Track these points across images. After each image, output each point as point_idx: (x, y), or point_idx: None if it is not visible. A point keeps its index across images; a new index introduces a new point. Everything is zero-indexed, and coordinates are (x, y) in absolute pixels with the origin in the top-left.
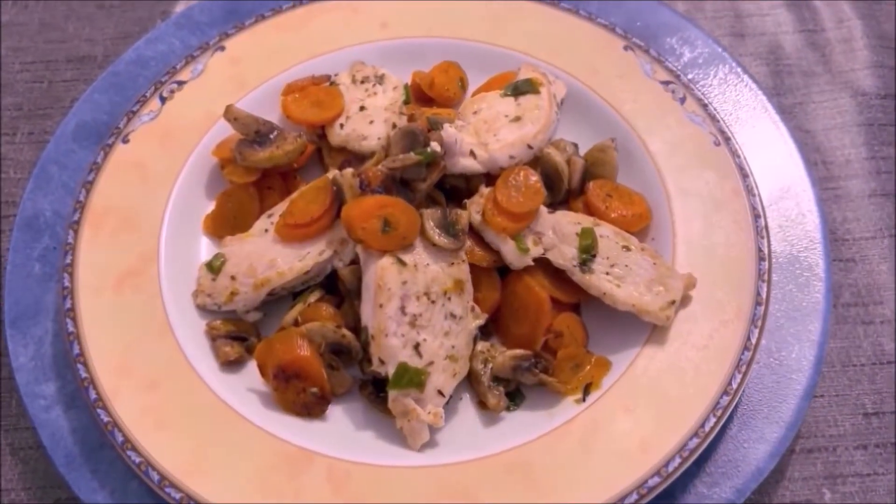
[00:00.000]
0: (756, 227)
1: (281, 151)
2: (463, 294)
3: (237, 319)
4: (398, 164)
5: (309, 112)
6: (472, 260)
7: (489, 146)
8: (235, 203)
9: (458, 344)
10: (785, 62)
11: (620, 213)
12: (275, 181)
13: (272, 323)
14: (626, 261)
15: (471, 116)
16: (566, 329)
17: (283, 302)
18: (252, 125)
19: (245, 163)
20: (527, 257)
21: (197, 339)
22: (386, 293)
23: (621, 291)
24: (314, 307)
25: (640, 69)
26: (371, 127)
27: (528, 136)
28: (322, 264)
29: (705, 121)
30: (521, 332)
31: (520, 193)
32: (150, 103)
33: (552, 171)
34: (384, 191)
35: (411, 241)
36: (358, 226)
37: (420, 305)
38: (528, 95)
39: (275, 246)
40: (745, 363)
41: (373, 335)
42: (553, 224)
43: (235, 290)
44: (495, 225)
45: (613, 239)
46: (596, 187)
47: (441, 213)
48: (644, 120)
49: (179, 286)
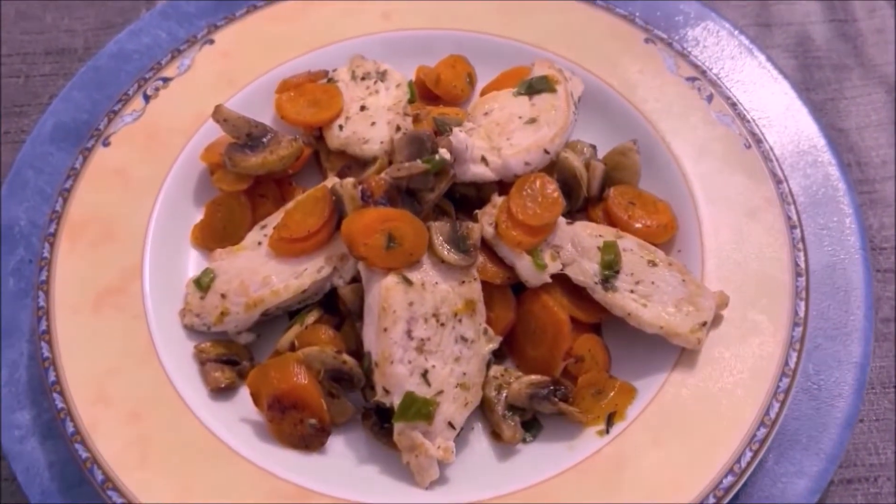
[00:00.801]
0: (792, 238)
1: (275, 156)
2: (475, 315)
3: (228, 341)
4: (404, 174)
5: (305, 112)
6: (485, 277)
7: (502, 151)
8: (225, 212)
9: (469, 370)
10: (814, 55)
11: (644, 223)
12: (268, 189)
13: (267, 344)
14: (653, 277)
15: (481, 118)
16: (587, 352)
17: (278, 322)
18: (243, 127)
19: (236, 169)
20: (544, 274)
21: (184, 364)
22: (391, 316)
23: (648, 312)
24: (312, 330)
25: (663, 64)
26: (373, 129)
27: (544, 140)
28: (320, 282)
29: (735, 121)
30: (537, 356)
31: (536, 204)
32: (133, 102)
33: (570, 176)
34: (388, 202)
35: (418, 257)
36: (360, 242)
37: (428, 329)
38: (543, 94)
39: (268, 261)
40: (783, 391)
41: (376, 362)
42: (572, 236)
43: (226, 310)
44: (509, 239)
45: (638, 253)
46: (617, 194)
47: (451, 226)
48: (668, 120)
49: (165, 304)
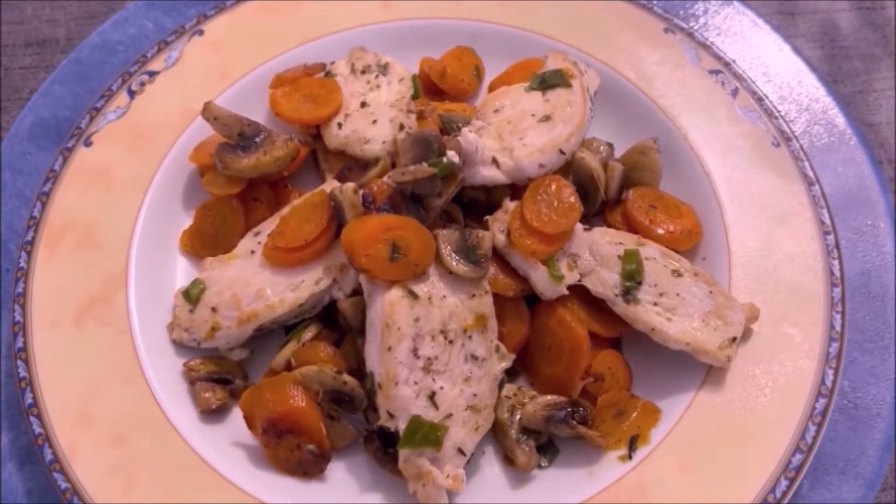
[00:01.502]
0: (825, 244)
1: (269, 158)
2: (486, 331)
3: (220, 358)
4: (408, 178)
5: (301, 109)
6: (496, 289)
7: (514, 152)
8: (216, 218)
9: (480, 391)
10: (841, 44)
11: (667, 229)
12: (262, 192)
13: (261, 360)
14: (678, 289)
15: (491, 115)
16: (607, 370)
17: (273, 336)
18: (234, 126)
19: (227, 171)
20: (561, 286)
21: (172, 382)
22: (395, 333)
23: (673, 326)
24: (310, 347)
25: (684, 56)
26: (374, 127)
27: (559, 140)
28: (319, 295)
29: (762, 117)
30: (554, 374)
31: (552, 209)
32: (117, 98)
33: (586, 178)
34: (391, 208)
35: (424, 269)
36: (361, 252)
37: (435, 346)
38: (557, 89)
39: (262, 272)
40: (819, 412)
41: (380, 384)
42: (590, 244)
43: (217, 325)
44: (523, 248)
45: (661, 262)
46: (637, 197)
47: (459, 234)
48: (690, 116)
49: (152, 318)
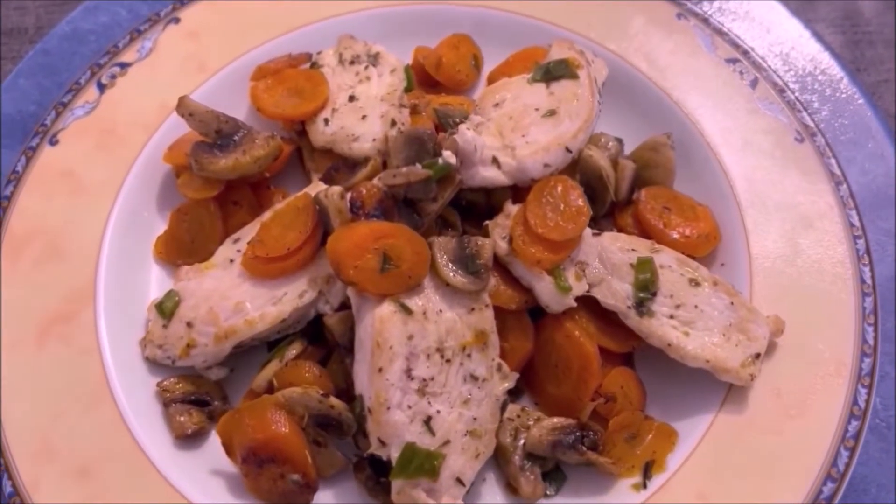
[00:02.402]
0: (855, 249)
1: (248, 157)
2: (486, 349)
3: (196, 377)
4: (400, 181)
5: (285, 103)
6: (498, 302)
7: (517, 151)
8: (193, 223)
9: (481, 414)
10: (864, 29)
11: (682, 233)
12: (243, 194)
13: (243, 378)
14: (696, 300)
15: (491, 110)
16: (619, 389)
17: (255, 352)
18: (211, 123)
19: (203, 172)
20: (568, 297)
21: (144, 405)
22: (386, 353)
23: (692, 342)
24: (294, 367)
25: (699, 43)
26: (363, 123)
27: (565, 136)
28: (303, 309)
29: (784, 110)
30: (561, 394)
31: (558, 214)
32: (86, 92)
33: (594, 177)
34: (382, 214)
35: (418, 281)
36: (348, 263)
37: (431, 366)
38: (562, 81)
39: (242, 283)
40: (852, 435)
41: (370, 408)
42: (600, 251)
43: (192, 342)
44: (527, 257)
45: (677, 270)
46: (649, 197)
47: (457, 242)
48: (706, 109)
49: (122, 334)
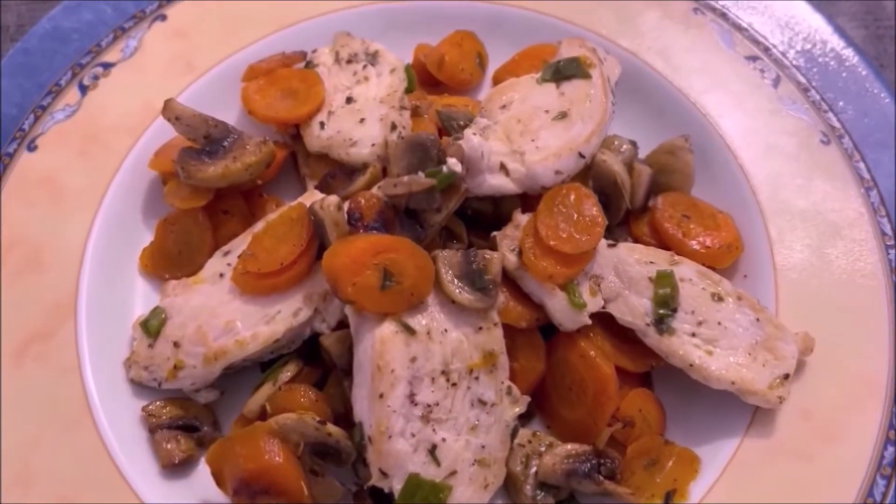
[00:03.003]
0: (888, 259)
1: (239, 164)
2: (495, 371)
3: (185, 400)
4: (402, 190)
5: (278, 106)
6: (507, 320)
7: (526, 157)
8: (180, 234)
9: (489, 442)
10: (886, 23)
11: (703, 243)
12: (234, 203)
13: (235, 402)
14: (719, 316)
15: (498, 112)
16: (638, 413)
17: (248, 373)
18: (200, 127)
19: (191, 180)
20: (582, 314)
21: (129, 431)
22: (388, 377)
23: (715, 362)
24: (288, 391)
25: (717, 40)
26: (362, 127)
27: (578, 141)
28: (297, 329)
29: (809, 110)
30: (575, 418)
31: (571, 224)
32: (66, 94)
33: (608, 183)
34: (382, 226)
35: (422, 298)
36: (346, 280)
37: (436, 391)
38: (574, 81)
39: (232, 300)
40: (889, 462)
41: (370, 437)
42: (615, 263)
43: (180, 363)
44: (538, 270)
45: (699, 284)
46: (667, 205)
47: (463, 255)
48: (725, 109)
49: (105, 353)
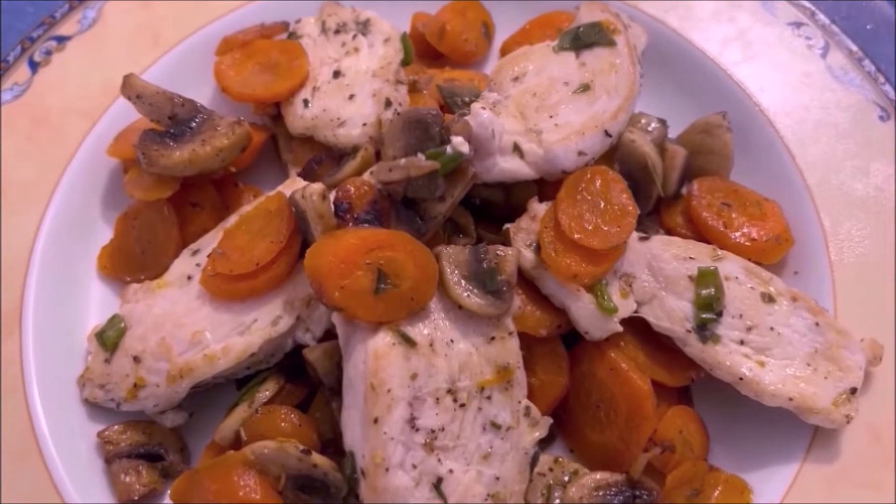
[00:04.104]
0: None
1: (209, 148)
2: (511, 388)
3: (148, 424)
4: (399, 176)
5: (255, 82)
6: (524, 328)
7: (543, 136)
8: (143, 230)
9: (505, 473)
10: None
11: (747, 235)
12: (203, 194)
13: (205, 424)
14: (771, 320)
15: (509, 85)
16: (678, 435)
17: (222, 391)
18: (164, 106)
19: (154, 168)
20: (612, 320)
21: (82, 460)
22: (384, 398)
23: (769, 374)
24: (267, 414)
25: (755, 4)
26: (351, 104)
27: (603, 117)
28: (277, 340)
29: (863, 82)
30: (605, 442)
31: (598, 214)
32: (15, 72)
33: (637, 167)
34: (375, 219)
35: (423, 303)
36: (333, 283)
37: (441, 413)
38: (596, 49)
39: (201, 307)
40: None
41: (364, 469)
42: (649, 260)
43: (141, 381)
44: (560, 269)
45: (746, 282)
46: (704, 191)
47: (471, 252)
48: (767, 83)
49: (55, 370)
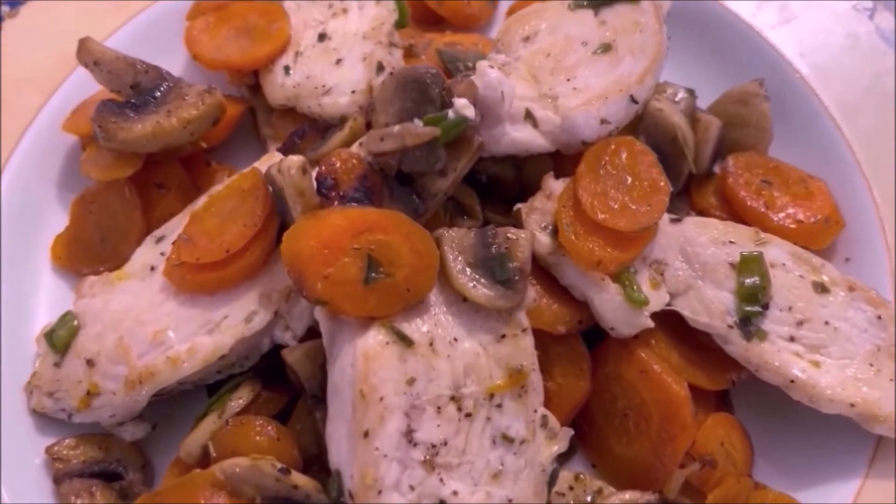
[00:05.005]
0: None
1: (175, 120)
2: (525, 395)
3: (104, 437)
4: (392, 146)
5: (231, 48)
6: (539, 324)
7: (560, 101)
8: (102, 215)
9: (519, 493)
10: None
11: (793, 217)
12: (171, 174)
13: (171, 437)
14: (825, 313)
15: (520, 46)
16: (720, 448)
17: (189, 398)
18: (125, 74)
19: (112, 143)
20: (642, 314)
21: (28, 480)
22: (375, 407)
23: (826, 376)
24: (239, 426)
25: None
26: (338, 70)
27: (629, 80)
28: (251, 339)
29: None
30: (633, 456)
31: (624, 191)
32: None
33: (666, 140)
34: (365, 196)
35: (421, 296)
36: (315, 271)
37: (444, 424)
38: (616, 6)
39: (165, 302)
40: None
41: (353, 492)
42: (682, 244)
43: (95, 388)
44: (582, 255)
45: (795, 269)
46: (741, 167)
47: (477, 236)
48: (806, 47)
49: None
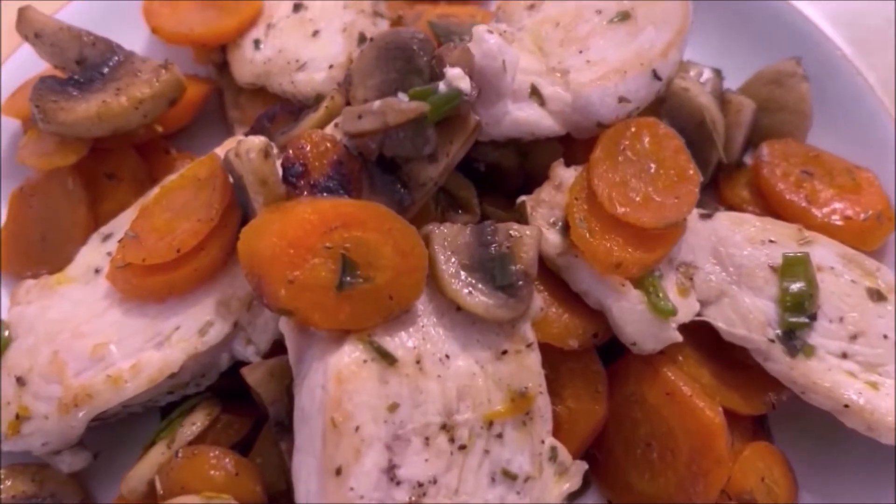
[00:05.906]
0: None
1: (125, 99)
2: (531, 422)
3: (39, 468)
4: (371, 125)
5: (195, 20)
6: (547, 338)
7: (571, 76)
8: (43, 210)
9: None
10: None
11: (840, 213)
12: (122, 162)
13: (116, 467)
14: (883, 325)
15: (524, 15)
16: (760, 484)
17: (138, 422)
18: (69, 47)
19: (52, 127)
20: (669, 326)
21: None
22: (350, 439)
23: (887, 400)
24: (191, 458)
25: None
26: (315, 43)
27: (651, 53)
28: (206, 355)
29: None
30: (657, 492)
31: (647, 181)
32: None
33: (692, 124)
34: (340, 185)
35: (407, 304)
36: (279, 275)
37: (433, 458)
38: None
39: (108, 310)
40: None
41: None
42: (714, 244)
43: (25, 410)
44: (598, 256)
45: (845, 273)
46: (777, 156)
47: (474, 233)
48: (844, 21)
49: None
